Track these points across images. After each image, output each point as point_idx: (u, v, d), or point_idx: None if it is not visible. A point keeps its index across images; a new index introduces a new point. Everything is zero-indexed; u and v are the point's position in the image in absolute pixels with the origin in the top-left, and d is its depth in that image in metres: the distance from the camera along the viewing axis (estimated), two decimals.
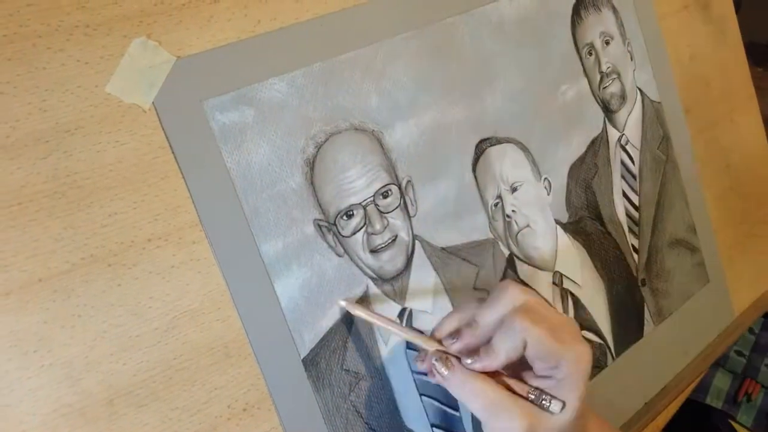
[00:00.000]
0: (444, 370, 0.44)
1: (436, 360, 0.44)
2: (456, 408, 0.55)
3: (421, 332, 0.49)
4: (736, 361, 1.00)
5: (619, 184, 0.70)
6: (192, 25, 0.45)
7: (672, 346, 0.73)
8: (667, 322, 0.72)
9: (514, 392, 0.43)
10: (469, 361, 0.44)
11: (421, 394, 0.54)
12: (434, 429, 0.54)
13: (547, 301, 0.48)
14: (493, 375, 0.43)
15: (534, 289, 0.57)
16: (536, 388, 0.43)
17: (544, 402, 0.42)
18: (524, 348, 0.42)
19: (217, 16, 0.46)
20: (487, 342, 0.43)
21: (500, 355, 0.42)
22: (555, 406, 0.42)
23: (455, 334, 0.45)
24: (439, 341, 0.46)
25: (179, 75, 0.44)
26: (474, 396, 0.42)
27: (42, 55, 0.40)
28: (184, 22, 0.45)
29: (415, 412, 0.53)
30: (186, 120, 0.45)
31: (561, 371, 0.42)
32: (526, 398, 0.43)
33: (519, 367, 0.45)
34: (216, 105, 0.46)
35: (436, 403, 0.54)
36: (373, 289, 0.52)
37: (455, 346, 0.45)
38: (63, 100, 0.40)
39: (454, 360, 0.44)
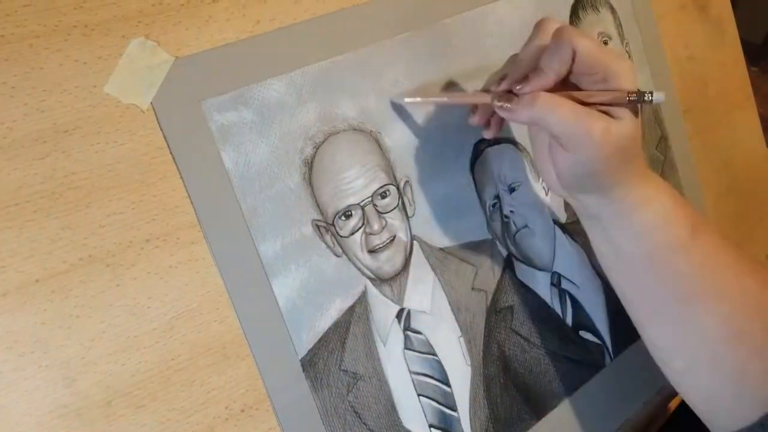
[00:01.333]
0: (507, 104, 0.45)
1: (497, 100, 0.46)
2: (454, 408, 0.55)
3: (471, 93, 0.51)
4: None
5: None
6: (190, 25, 0.45)
7: None
8: None
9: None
10: (519, 87, 0.45)
11: (419, 395, 0.54)
12: (432, 429, 0.54)
13: None
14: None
15: None
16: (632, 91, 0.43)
17: (647, 97, 0.42)
18: (572, 60, 0.43)
19: (215, 16, 0.46)
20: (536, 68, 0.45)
21: (550, 71, 0.44)
22: (657, 95, 0.43)
23: (502, 80, 0.47)
24: (495, 90, 0.47)
25: (178, 75, 0.44)
26: (547, 108, 0.43)
27: (39, 56, 0.40)
28: (183, 22, 0.45)
29: (413, 412, 0.53)
30: (184, 120, 0.44)
31: (609, 82, 0.43)
32: (620, 104, 0.43)
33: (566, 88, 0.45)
34: (214, 105, 0.45)
35: (435, 404, 0.54)
36: (372, 290, 0.52)
37: (505, 83, 0.46)
38: (61, 100, 0.40)
39: (513, 95, 0.45)
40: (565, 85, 0.45)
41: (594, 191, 0.47)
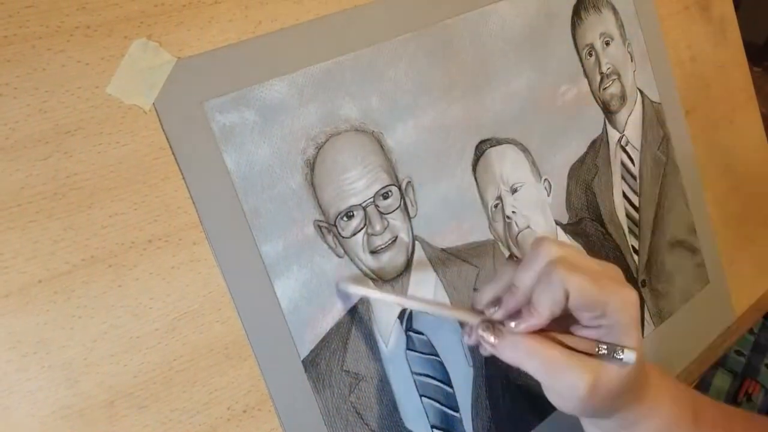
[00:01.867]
0: (492, 338, 0.42)
1: (482, 330, 0.42)
2: (456, 409, 0.55)
3: (459, 307, 0.48)
4: (736, 361, 1.00)
5: (619, 185, 0.70)
6: (193, 26, 0.45)
7: (672, 347, 0.73)
8: (667, 323, 0.72)
9: (570, 349, 0.41)
10: (513, 324, 0.41)
11: (421, 395, 0.54)
12: (434, 430, 0.54)
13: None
14: (544, 335, 0.41)
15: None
16: (603, 342, 0.41)
17: (616, 354, 0.40)
18: (566, 299, 0.40)
19: (217, 17, 0.46)
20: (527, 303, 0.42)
21: (543, 310, 0.40)
22: (628, 355, 0.40)
23: (496, 302, 0.43)
24: (481, 312, 0.44)
25: (180, 76, 0.44)
26: (529, 357, 0.40)
27: (42, 57, 0.40)
28: (185, 23, 0.45)
29: (415, 413, 0.53)
30: (186, 121, 0.44)
31: (608, 318, 0.40)
32: (591, 354, 0.41)
33: (565, 323, 0.42)
34: (216, 106, 0.46)
35: (437, 405, 0.54)
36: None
37: (498, 314, 0.43)
38: (63, 101, 0.40)
39: (500, 326, 0.42)
40: (559, 320, 0.42)
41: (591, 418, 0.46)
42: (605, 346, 0.40)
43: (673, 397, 0.46)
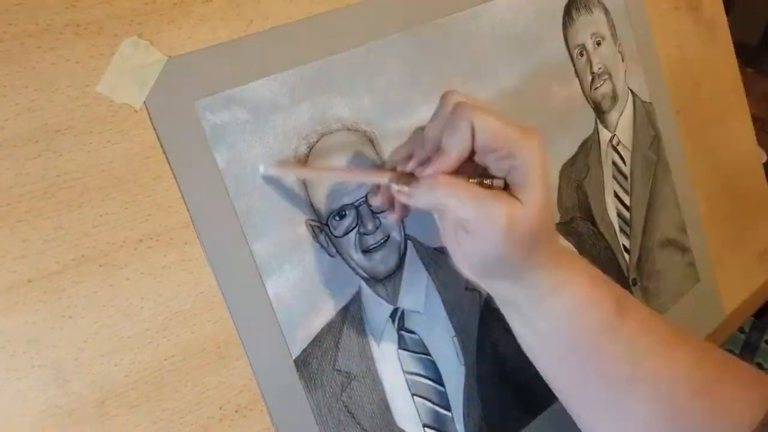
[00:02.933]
0: (406, 188, 0.42)
1: (396, 183, 0.42)
2: (448, 408, 0.55)
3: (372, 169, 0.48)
4: (737, 337, 1.00)
5: (610, 185, 0.70)
6: (184, 24, 0.45)
7: None
8: (666, 318, 0.72)
9: None
10: (419, 169, 0.42)
11: (413, 394, 0.54)
12: (426, 429, 0.54)
13: None
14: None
15: None
16: (485, 175, 0.41)
17: (489, 182, 0.41)
18: (473, 138, 0.40)
19: (209, 15, 0.46)
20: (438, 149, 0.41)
21: (451, 150, 0.40)
22: (498, 182, 0.41)
23: (408, 158, 0.44)
24: (394, 169, 0.44)
25: (171, 75, 0.44)
26: (447, 195, 0.40)
27: (31, 55, 0.39)
28: (176, 21, 0.45)
29: (407, 412, 0.53)
30: (177, 120, 0.44)
31: (516, 158, 0.40)
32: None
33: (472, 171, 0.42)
34: (208, 105, 0.45)
35: (429, 403, 0.54)
36: (365, 290, 0.52)
37: (410, 165, 0.43)
38: (53, 99, 0.40)
39: (413, 175, 0.42)
40: (470, 165, 0.42)
41: (505, 277, 0.44)
42: (482, 178, 0.41)
43: (593, 279, 0.45)
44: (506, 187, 0.41)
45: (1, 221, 0.39)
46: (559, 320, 0.44)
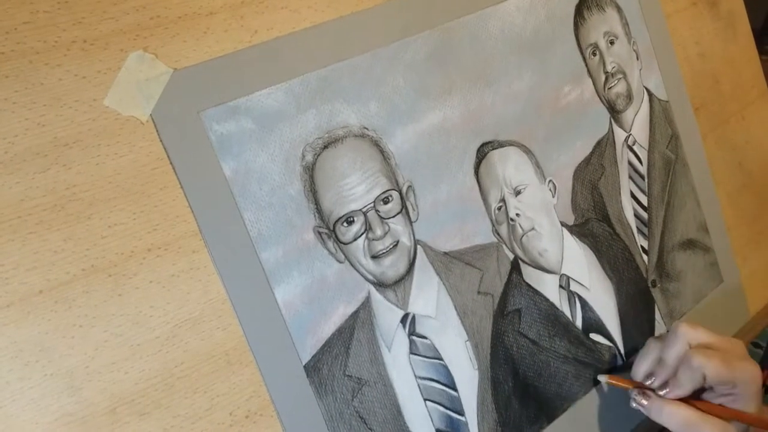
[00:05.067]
0: (644, 401, 0.56)
1: (635, 395, 0.57)
2: (462, 413, 0.55)
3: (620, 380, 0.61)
4: (753, 353, 0.98)
5: (626, 185, 0.69)
6: (188, 37, 0.46)
7: None
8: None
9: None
10: (662, 392, 0.56)
11: (425, 399, 0.54)
12: None
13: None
14: (684, 401, 0.55)
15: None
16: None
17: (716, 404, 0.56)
18: (704, 379, 0.53)
19: (213, 27, 0.47)
20: (674, 374, 0.56)
21: (686, 386, 0.54)
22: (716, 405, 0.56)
23: (649, 374, 0.58)
24: (639, 383, 0.58)
25: (176, 87, 0.45)
26: (671, 417, 0.54)
27: (39, 71, 0.40)
28: (181, 34, 0.45)
29: (419, 417, 0.53)
30: (184, 131, 0.45)
31: (737, 389, 0.54)
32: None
33: (702, 390, 0.56)
34: (213, 116, 0.46)
35: (441, 408, 0.54)
36: (375, 295, 0.52)
37: (655, 384, 0.57)
38: (61, 114, 0.41)
39: (650, 392, 0.57)
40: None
41: None
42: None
43: None
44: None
45: (12, 234, 0.40)
46: None
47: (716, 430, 0.53)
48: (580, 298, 0.63)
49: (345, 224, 0.51)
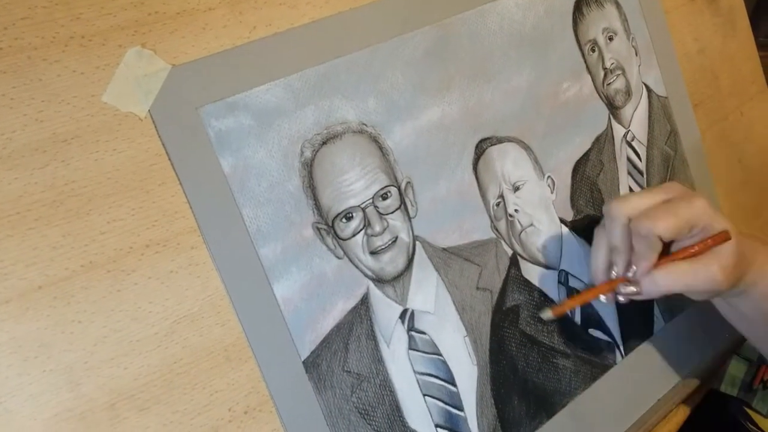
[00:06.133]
0: (634, 289, 0.53)
1: (620, 293, 0.54)
2: (461, 408, 0.55)
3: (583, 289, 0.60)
4: (751, 348, 0.98)
5: (625, 181, 0.69)
6: (187, 33, 0.46)
7: (684, 343, 0.72)
8: (679, 319, 0.71)
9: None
10: (629, 274, 0.53)
11: (424, 395, 0.54)
12: (438, 429, 0.54)
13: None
14: (664, 260, 0.52)
15: None
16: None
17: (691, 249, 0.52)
18: (661, 239, 0.50)
19: (211, 23, 0.47)
20: (632, 253, 0.53)
21: (648, 255, 0.51)
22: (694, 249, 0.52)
23: (609, 266, 0.55)
24: (610, 282, 0.55)
25: (175, 83, 0.45)
26: (668, 281, 0.51)
27: (37, 67, 0.40)
28: (179, 30, 0.45)
29: (418, 412, 0.54)
30: (182, 127, 0.45)
31: (696, 228, 0.51)
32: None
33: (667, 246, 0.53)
34: (212, 111, 0.46)
35: (441, 404, 0.55)
36: (374, 291, 0.52)
37: (619, 270, 0.54)
38: (59, 110, 0.41)
39: (630, 278, 0.53)
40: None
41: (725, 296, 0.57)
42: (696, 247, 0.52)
43: None
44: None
45: (11, 230, 0.40)
46: (757, 303, 0.56)
47: (712, 264, 0.51)
48: (579, 293, 0.64)
49: (344, 220, 0.51)
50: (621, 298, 0.54)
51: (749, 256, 0.54)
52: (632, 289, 0.53)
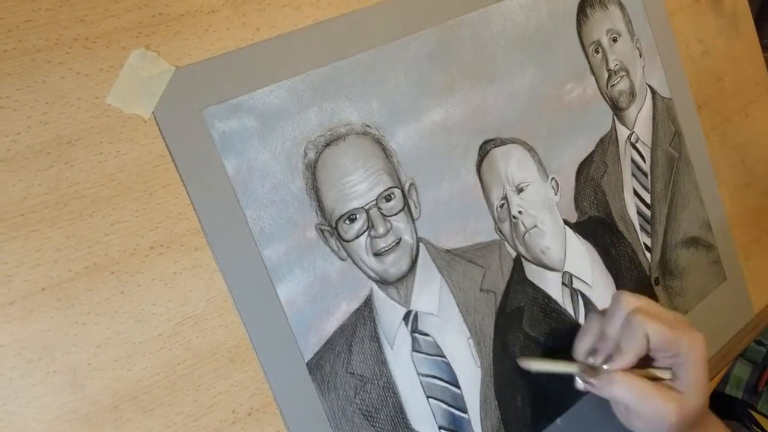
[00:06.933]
0: (593, 380, 0.52)
1: (583, 377, 0.53)
2: (464, 410, 0.55)
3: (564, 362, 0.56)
4: (756, 350, 0.98)
5: (629, 183, 0.69)
6: (191, 35, 0.46)
7: None
8: None
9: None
10: (605, 366, 0.51)
11: (428, 397, 0.54)
12: (442, 431, 0.54)
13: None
14: (632, 371, 0.51)
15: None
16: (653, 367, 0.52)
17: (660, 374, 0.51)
18: (648, 342, 0.50)
19: (215, 25, 0.47)
20: (617, 347, 0.51)
21: (630, 353, 0.50)
22: (666, 373, 0.51)
23: (592, 351, 0.53)
24: (584, 362, 0.54)
25: (179, 84, 0.45)
26: (623, 391, 0.50)
27: (41, 69, 0.41)
28: (183, 32, 0.45)
29: (422, 414, 0.53)
30: (186, 129, 0.45)
31: (682, 357, 0.50)
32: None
33: (645, 363, 0.52)
34: (216, 113, 0.46)
35: (444, 406, 0.54)
36: (378, 292, 0.52)
37: (598, 361, 0.52)
38: (63, 112, 0.41)
39: (598, 369, 0.52)
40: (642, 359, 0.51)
41: None
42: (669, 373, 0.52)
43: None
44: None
45: (15, 231, 0.40)
46: None
47: (668, 399, 0.49)
48: (582, 295, 0.63)
49: (347, 222, 0.51)
50: (581, 385, 0.53)
51: (707, 427, 0.54)
52: (593, 381, 0.51)
